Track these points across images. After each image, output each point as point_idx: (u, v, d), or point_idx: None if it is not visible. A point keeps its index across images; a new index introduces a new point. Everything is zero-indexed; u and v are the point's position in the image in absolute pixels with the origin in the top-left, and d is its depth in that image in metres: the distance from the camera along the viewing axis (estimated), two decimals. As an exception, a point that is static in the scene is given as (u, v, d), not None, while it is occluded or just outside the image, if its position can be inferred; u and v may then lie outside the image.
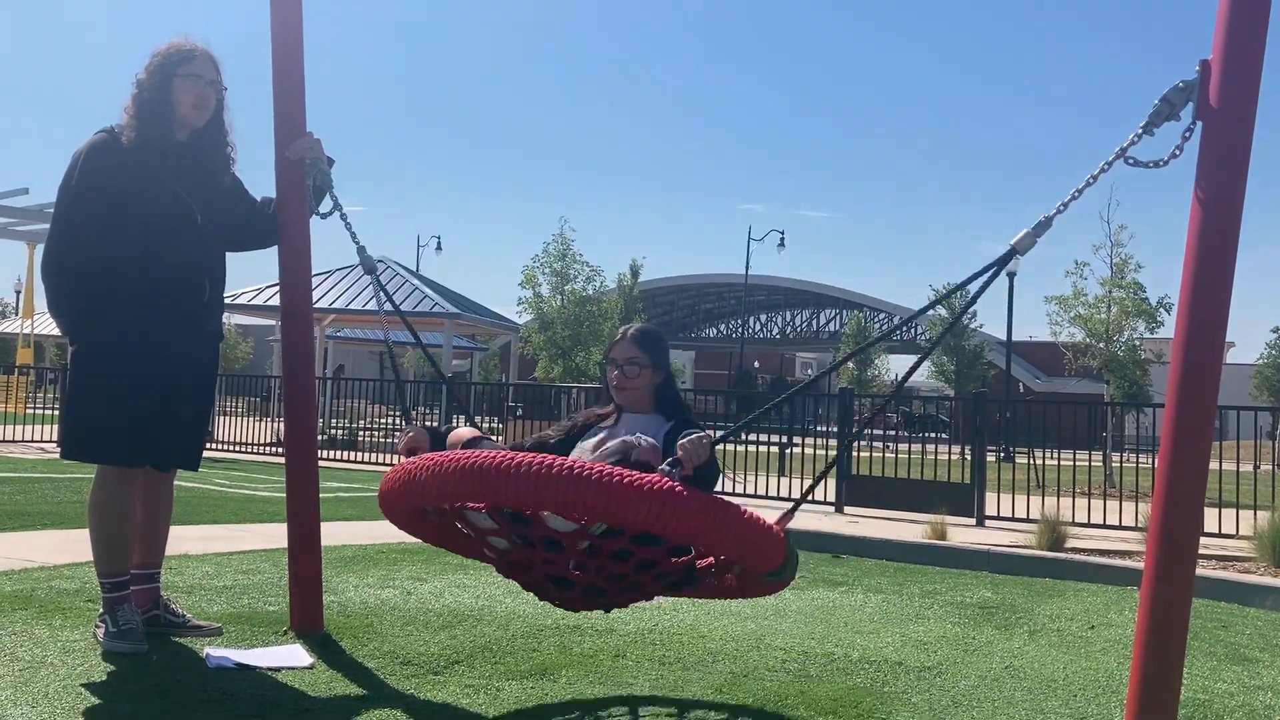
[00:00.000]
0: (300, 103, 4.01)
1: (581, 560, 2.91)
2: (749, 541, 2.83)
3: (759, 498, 11.25)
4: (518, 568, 3.10)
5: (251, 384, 19.28)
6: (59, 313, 3.71)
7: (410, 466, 2.88)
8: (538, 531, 2.85)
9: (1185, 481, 2.85)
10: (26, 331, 24.80)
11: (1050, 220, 3.01)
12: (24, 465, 11.26)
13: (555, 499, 2.64)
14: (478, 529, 3.02)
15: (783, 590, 3.50)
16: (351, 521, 7.73)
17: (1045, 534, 7.67)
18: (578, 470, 2.63)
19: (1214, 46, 2.81)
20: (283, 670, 3.49)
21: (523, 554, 2.99)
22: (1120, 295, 17.25)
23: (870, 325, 43.93)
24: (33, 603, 4.23)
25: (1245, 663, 4.45)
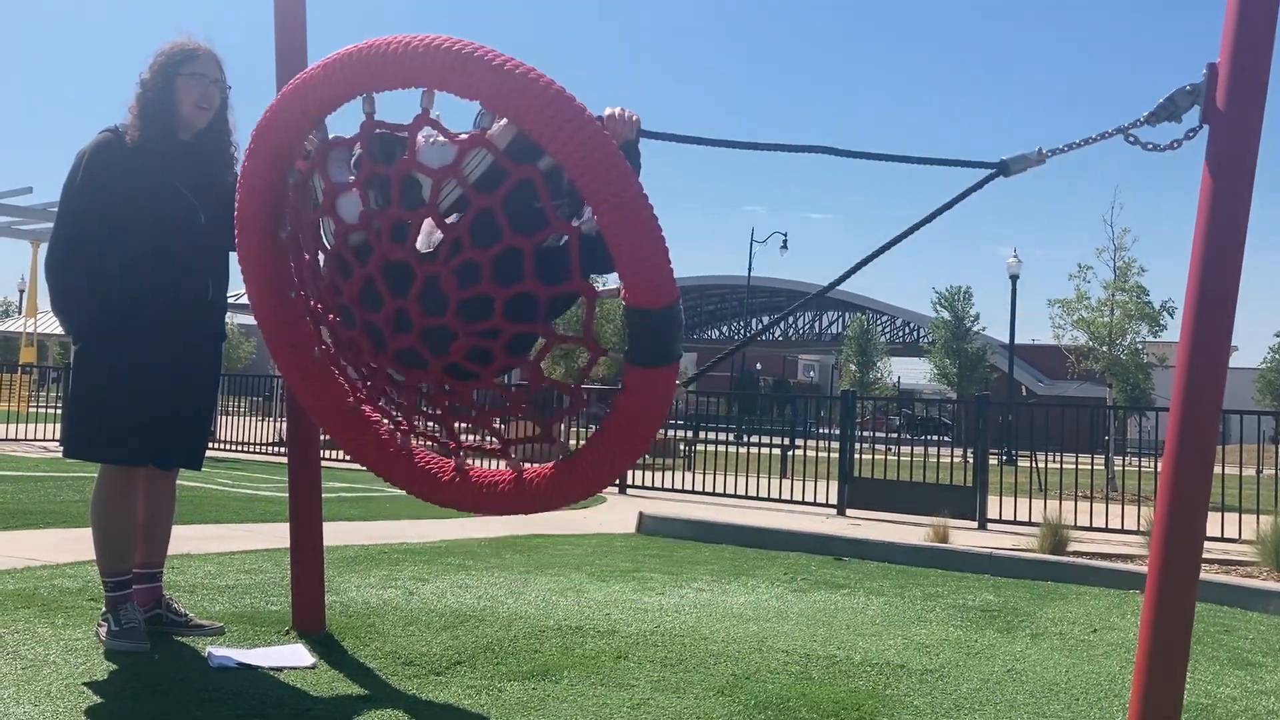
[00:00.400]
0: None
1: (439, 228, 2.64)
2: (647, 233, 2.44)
3: (760, 499, 11.26)
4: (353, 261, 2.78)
5: (254, 384, 19.29)
6: (62, 311, 3.71)
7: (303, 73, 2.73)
8: (403, 170, 2.63)
9: (1189, 485, 2.84)
10: (30, 330, 24.83)
11: (1043, 156, 3.01)
12: (27, 464, 11.27)
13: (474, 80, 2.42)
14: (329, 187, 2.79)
15: (781, 592, 3.45)
16: (354, 522, 7.73)
17: (1047, 537, 7.67)
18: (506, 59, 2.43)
19: (1222, 50, 2.80)
20: (285, 670, 3.49)
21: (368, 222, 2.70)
22: (1123, 299, 17.24)
23: (873, 328, 43.89)
24: (35, 601, 4.23)
25: (1248, 667, 4.44)
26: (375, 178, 2.73)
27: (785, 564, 6.80)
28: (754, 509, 10.49)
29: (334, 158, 2.83)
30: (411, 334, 2.78)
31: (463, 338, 2.74)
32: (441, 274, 2.66)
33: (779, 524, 8.53)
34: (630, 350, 2.64)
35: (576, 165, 2.43)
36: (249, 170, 3.09)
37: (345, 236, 2.83)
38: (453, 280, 2.65)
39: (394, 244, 2.72)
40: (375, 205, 2.74)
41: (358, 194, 2.77)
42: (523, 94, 2.38)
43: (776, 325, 68.59)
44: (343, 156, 2.84)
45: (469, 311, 2.68)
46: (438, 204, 2.66)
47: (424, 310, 2.72)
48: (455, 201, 2.70)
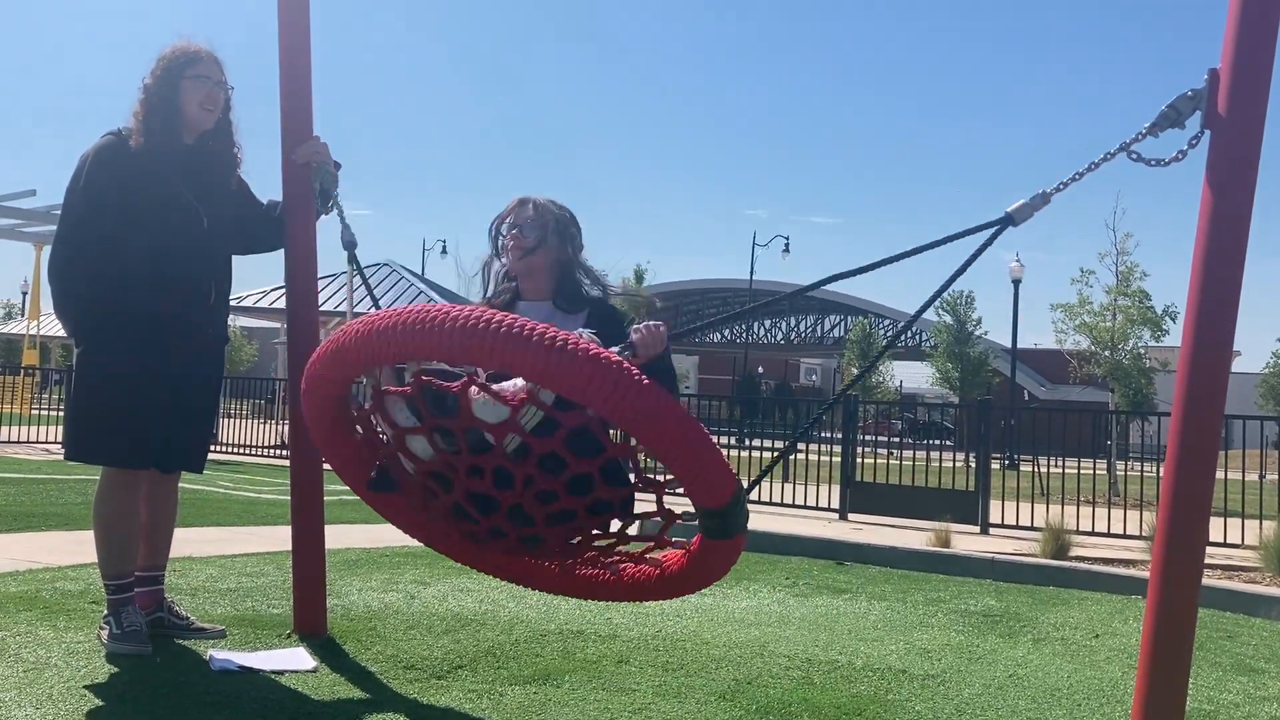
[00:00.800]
0: (307, 106, 4.01)
1: (508, 469, 2.76)
2: (697, 452, 2.60)
3: (762, 504, 11.26)
4: (437, 485, 2.92)
5: (256, 386, 19.31)
6: (65, 314, 3.71)
7: (339, 333, 2.77)
8: (463, 423, 2.72)
9: (1191, 491, 2.84)
10: (33, 333, 24.85)
11: (1048, 196, 3.04)
12: (29, 466, 11.28)
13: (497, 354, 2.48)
14: (397, 430, 2.87)
15: (783, 596, 3.44)
16: (355, 525, 7.73)
17: (1049, 542, 7.66)
18: (535, 329, 2.48)
19: (1223, 56, 2.81)
20: (286, 673, 3.49)
21: (444, 461, 2.83)
22: (1125, 303, 17.21)
23: (875, 331, 43.85)
24: (37, 604, 4.23)
25: (1251, 673, 4.43)
26: (438, 426, 2.83)
27: (787, 568, 6.80)
28: (755, 513, 10.45)
29: (392, 404, 2.89)
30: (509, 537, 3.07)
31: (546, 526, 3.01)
32: (523, 501, 2.86)
33: (781, 528, 8.53)
34: (701, 528, 2.87)
35: (620, 419, 2.57)
36: (309, 396, 3.12)
37: (426, 470, 2.96)
38: (535, 503, 2.87)
39: (473, 478, 2.87)
40: (445, 448, 2.85)
41: (425, 437, 2.86)
42: (564, 369, 2.48)
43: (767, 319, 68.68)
44: (399, 403, 2.88)
45: (553, 519, 2.94)
46: (504, 450, 2.78)
47: (515, 524, 2.96)
48: (519, 445, 2.81)
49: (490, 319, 2.51)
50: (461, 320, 2.51)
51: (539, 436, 2.71)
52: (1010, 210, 3.06)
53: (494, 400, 2.70)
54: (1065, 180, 3.02)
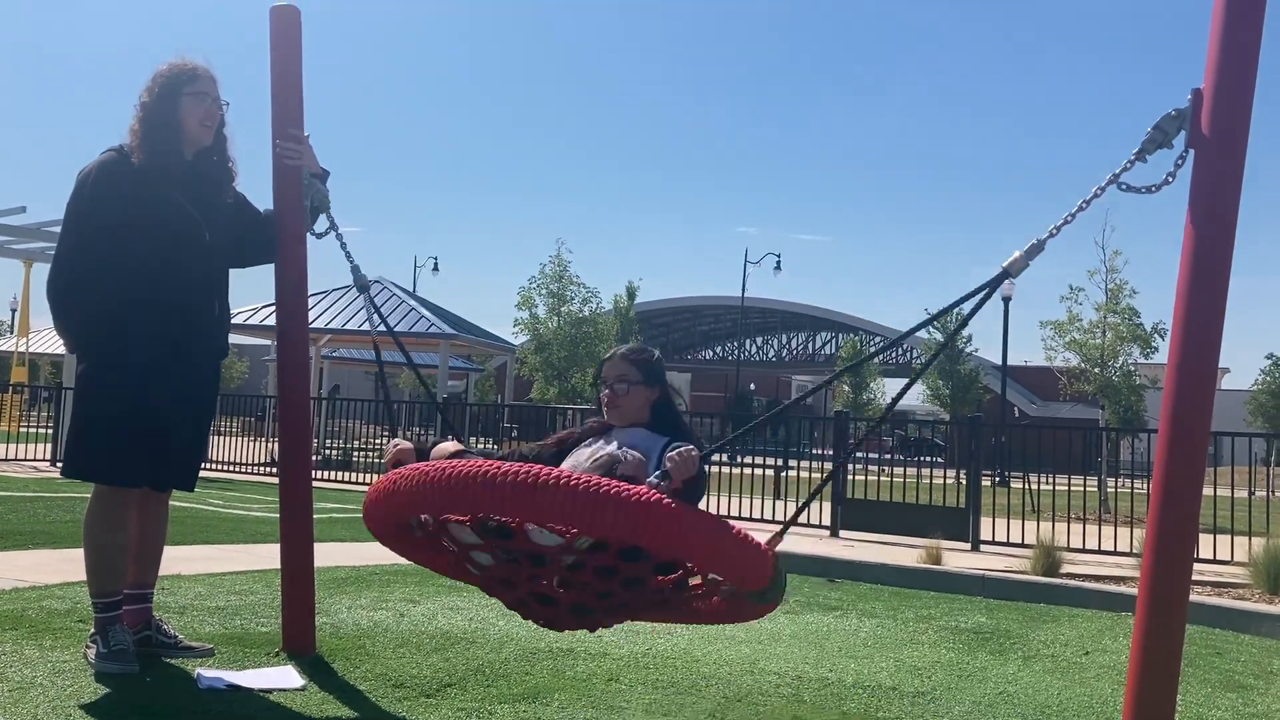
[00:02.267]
0: (298, 120, 4.03)
1: (566, 576, 2.89)
2: (735, 558, 2.80)
3: (754, 520, 11.24)
4: (502, 585, 3.08)
5: (247, 404, 19.25)
6: (66, 331, 3.71)
7: (392, 478, 2.87)
8: (521, 546, 2.83)
9: (1178, 507, 2.85)
10: (22, 350, 24.78)
11: (1043, 244, 3.04)
12: (17, 484, 11.22)
13: (533, 508, 2.62)
14: (461, 544, 3.00)
15: (773, 612, 3.46)
16: (345, 543, 7.71)
17: (1040, 559, 7.66)
18: (556, 479, 2.60)
19: (1206, 75, 2.84)
20: (274, 692, 3.47)
21: (507, 570, 2.97)
22: (1115, 320, 17.28)
23: (866, 349, 43.96)
24: (23, 623, 4.21)
25: (1240, 690, 4.44)
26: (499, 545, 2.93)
27: (778, 585, 6.78)
28: (748, 530, 10.44)
29: (453, 528, 2.98)
30: None
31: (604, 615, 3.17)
32: (583, 599, 2.99)
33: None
34: (746, 594, 3.03)
35: (655, 547, 2.73)
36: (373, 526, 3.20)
37: (489, 573, 3.08)
38: (593, 599, 2.99)
39: (535, 583, 2.98)
40: (505, 558, 2.96)
41: (488, 553, 2.97)
42: (596, 514, 2.62)
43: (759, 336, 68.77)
44: (461, 528, 2.96)
45: (610, 610, 3.10)
46: (562, 564, 2.88)
47: (575, 614, 3.08)
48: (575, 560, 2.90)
49: (520, 476, 2.62)
50: (492, 475, 2.64)
51: (593, 553, 2.82)
52: (1006, 265, 3.08)
53: (547, 530, 2.80)
54: (1057, 225, 3.02)
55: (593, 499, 2.59)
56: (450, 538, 3.04)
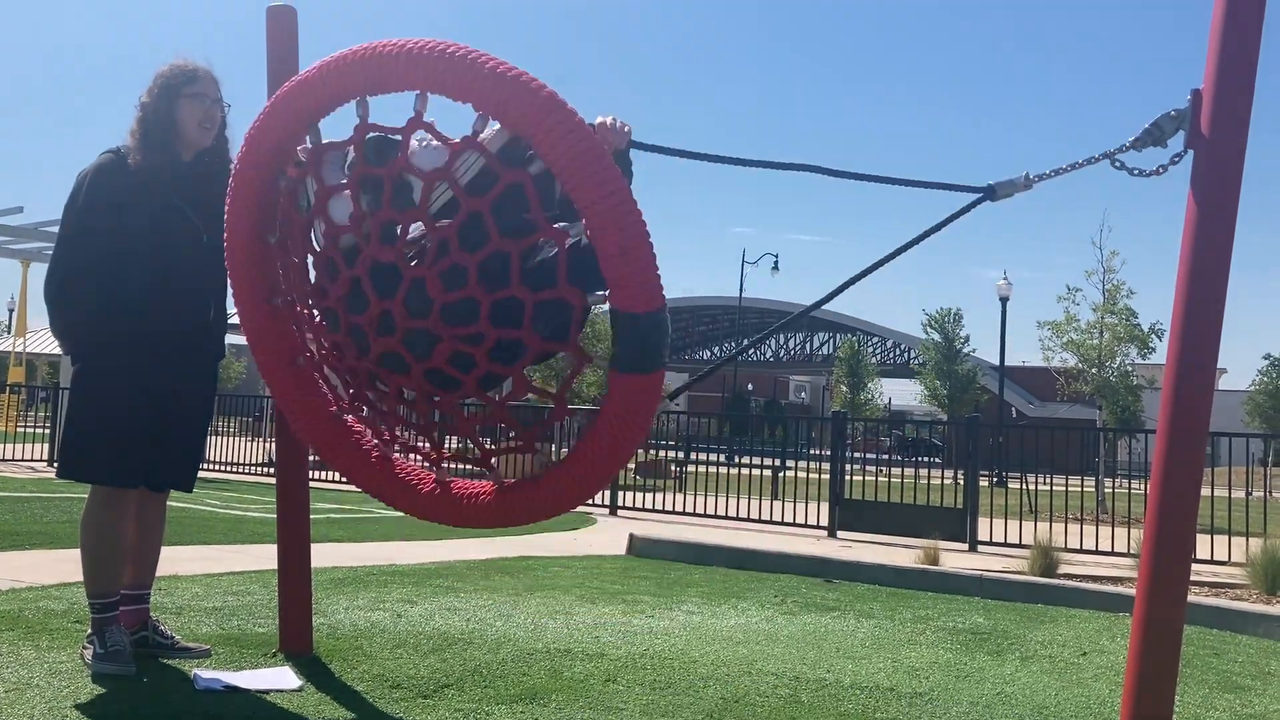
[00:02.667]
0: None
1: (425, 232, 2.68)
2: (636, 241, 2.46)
3: (751, 520, 11.25)
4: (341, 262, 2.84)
5: (244, 404, 19.22)
6: (62, 332, 3.70)
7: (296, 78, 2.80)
8: (394, 170, 2.69)
9: (1176, 508, 2.85)
10: (19, 350, 24.73)
11: (1030, 181, 3.05)
12: (14, 484, 11.20)
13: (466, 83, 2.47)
14: (321, 189, 2.84)
15: (770, 614, 3.44)
16: (342, 543, 7.70)
17: (1038, 559, 7.66)
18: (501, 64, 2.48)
19: (1205, 76, 2.83)
20: (271, 692, 3.47)
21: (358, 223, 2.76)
22: (1112, 321, 17.30)
23: (864, 349, 43.99)
24: (20, 623, 4.20)
25: (1237, 691, 4.44)
26: (368, 179, 2.77)
27: (776, 586, 6.78)
28: (745, 530, 10.47)
29: (328, 160, 2.86)
30: (395, 336, 2.81)
31: (446, 341, 2.75)
32: (428, 277, 2.68)
33: (770, 546, 8.52)
34: (616, 357, 2.63)
35: (565, 168, 2.45)
36: (241, 175, 3.12)
37: (335, 239, 2.88)
38: (438, 283, 2.68)
39: (383, 246, 2.75)
40: (366, 207, 2.78)
41: (349, 195, 2.81)
42: (514, 97, 2.41)
43: (762, 343, 68.80)
44: (337, 160, 2.88)
45: (453, 315, 2.70)
46: (428, 206, 2.69)
47: (409, 313, 2.74)
48: (446, 205, 2.74)
49: (447, 48, 2.49)
50: (418, 48, 2.50)
51: (470, 194, 2.61)
52: (993, 184, 3.07)
53: (434, 145, 2.64)
54: (1049, 171, 3.04)
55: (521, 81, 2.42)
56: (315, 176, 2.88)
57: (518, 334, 2.72)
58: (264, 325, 3.30)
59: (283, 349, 3.30)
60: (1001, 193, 3.06)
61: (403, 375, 2.88)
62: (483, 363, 2.77)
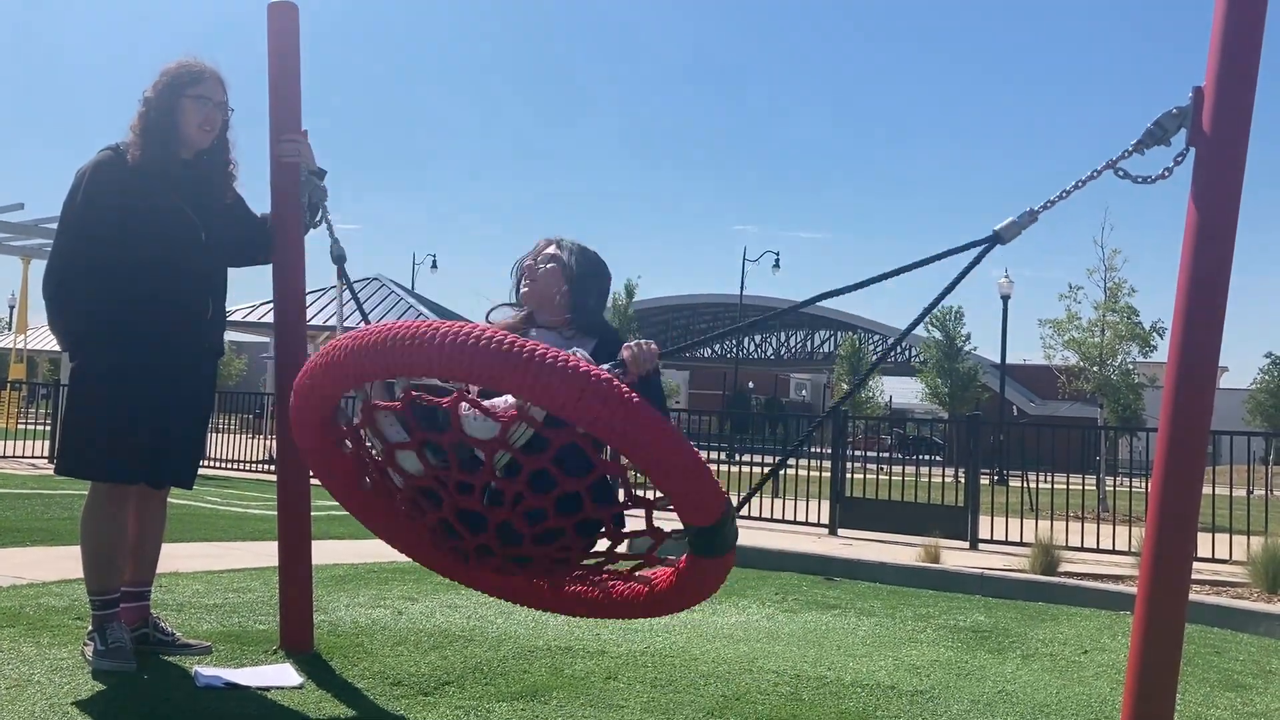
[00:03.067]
0: (296, 117, 4.02)
1: (498, 486, 2.77)
2: (686, 468, 2.60)
3: (751, 519, 11.24)
4: (425, 500, 2.93)
5: (245, 401, 19.24)
6: (59, 329, 3.70)
7: (329, 347, 2.77)
8: (453, 439, 2.72)
9: (1177, 506, 2.85)
10: (20, 347, 24.75)
11: (1035, 214, 3.05)
12: (15, 481, 11.21)
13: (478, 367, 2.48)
14: (386, 444, 2.87)
15: (771, 611, 3.44)
16: (343, 540, 7.70)
17: (1039, 558, 7.66)
18: (505, 339, 2.49)
19: (1207, 73, 2.83)
20: (272, 690, 3.47)
21: (433, 475, 2.83)
22: (1114, 319, 17.29)
23: (864, 347, 43.95)
24: (21, 620, 4.20)
25: (1238, 689, 4.44)
26: (429, 441, 2.82)
27: (776, 584, 6.79)
28: (746, 528, 10.46)
29: (383, 419, 2.88)
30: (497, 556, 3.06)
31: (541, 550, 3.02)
32: (512, 519, 2.86)
33: (770, 543, 8.52)
34: (691, 545, 2.88)
35: (608, 435, 2.57)
36: (298, 419, 3.13)
37: (413, 485, 2.96)
38: (523, 521, 2.87)
39: (462, 495, 2.87)
40: (434, 462, 2.84)
41: (415, 452, 2.86)
42: (554, 384, 2.47)
43: (750, 332, 68.92)
44: (389, 418, 2.87)
45: (541, 538, 2.93)
46: (494, 468, 2.79)
47: (502, 542, 2.96)
48: (509, 462, 2.81)
49: (479, 334, 2.51)
50: (450, 335, 2.52)
51: (529, 454, 2.71)
52: (998, 229, 3.08)
53: (484, 417, 2.70)
54: (1052, 198, 3.03)
55: (545, 365, 2.45)
56: (374, 433, 2.90)
57: (601, 536, 3.06)
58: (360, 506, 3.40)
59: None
60: (1008, 235, 3.07)
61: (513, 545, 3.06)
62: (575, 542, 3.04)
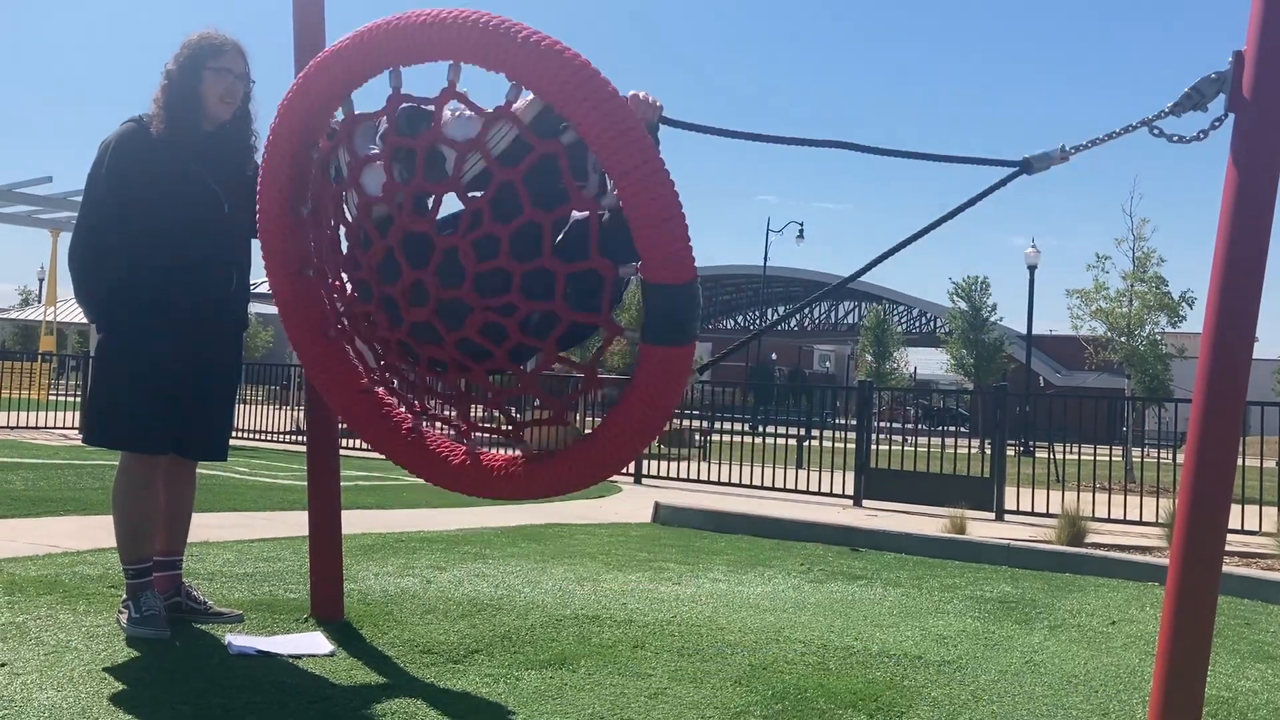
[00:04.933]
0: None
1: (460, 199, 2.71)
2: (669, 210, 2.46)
3: (776, 490, 11.26)
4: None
5: (272, 372, 19.37)
6: (85, 300, 3.73)
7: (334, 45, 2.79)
8: (429, 139, 2.69)
9: (1211, 479, 2.81)
10: (50, 319, 24.99)
11: (1067, 154, 2.98)
12: (47, 452, 11.36)
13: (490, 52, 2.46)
14: (355, 160, 2.84)
15: (798, 582, 3.44)
16: (372, 510, 7.76)
17: (1065, 529, 7.64)
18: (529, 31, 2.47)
19: (1248, 37, 2.77)
20: (304, 658, 3.51)
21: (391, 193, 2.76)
22: (1142, 289, 17.14)
23: (889, 318, 43.74)
24: (57, 588, 4.26)
25: (1269, 660, 4.41)
26: (400, 150, 2.77)
27: (802, 554, 6.79)
28: (770, 499, 10.49)
29: (360, 132, 2.86)
30: (427, 307, 2.81)
31: (478, 312, 2.75)
32: (460, 246, 2.69)
33: (795, 515, 8.53)
34: (646, 329, 2.63)
35: (598, 137, 2.44)
36: (273, 145, 3.12)
37: (367, 209, 2.89)
38: (471, 253, 2.69)
39: (415, 216, 2.77)
40: (399, 178, 2.78)
41: (382, 166, 2.80)
42: (547, 67, 2.39)
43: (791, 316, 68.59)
44: (368, 131, 2.87)
45: (486, 286, 2.71)
46: (461, 177, 2.69)
47: (441, 283, 2.75)
48: (478, 176, 2.74)
49: (480, 17, 2.48)
50: (451, 18, 2.49)
51: (502, 165, 2.62)
52: (1029, 156, 3.02)
53: (469, 112, 2.64)
54: (1085, 143, 2.98)
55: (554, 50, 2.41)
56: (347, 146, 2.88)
57: (550, 305, 2.71)
58: (295, 296, 3.31)
59: (314, 320, 3.31)
60: (1037, 166, 3.01)
61: (435, 346, 2.89)
62: (514, 334, 2.77)
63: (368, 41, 2.70)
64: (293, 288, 3.31)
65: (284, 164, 3.11)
